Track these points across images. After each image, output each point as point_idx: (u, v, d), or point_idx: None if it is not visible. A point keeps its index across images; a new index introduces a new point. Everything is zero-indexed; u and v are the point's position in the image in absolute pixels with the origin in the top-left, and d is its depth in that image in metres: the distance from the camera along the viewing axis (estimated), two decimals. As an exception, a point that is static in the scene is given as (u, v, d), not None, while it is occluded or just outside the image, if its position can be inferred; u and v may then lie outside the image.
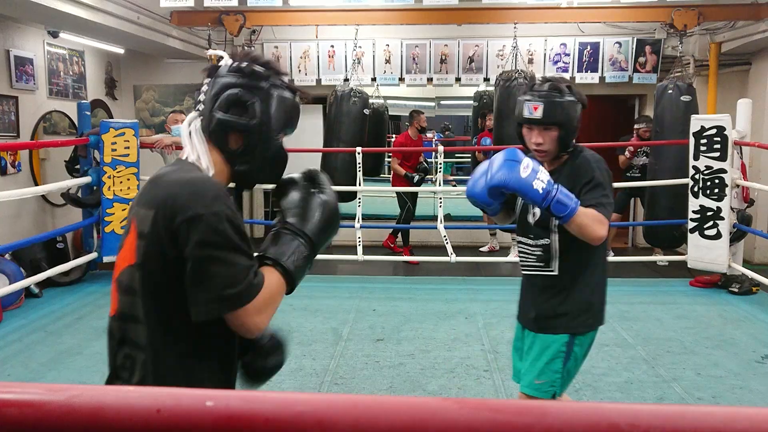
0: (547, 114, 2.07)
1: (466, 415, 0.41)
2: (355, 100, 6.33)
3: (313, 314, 4.87)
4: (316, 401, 0.43)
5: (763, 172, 6.68)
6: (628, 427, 0.39)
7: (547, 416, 0.40)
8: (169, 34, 6.27)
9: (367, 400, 0.42)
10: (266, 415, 0.42)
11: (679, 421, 0.39)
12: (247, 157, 1.32)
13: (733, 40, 6.49)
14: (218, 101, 1.29)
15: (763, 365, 3.81)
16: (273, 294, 1.26)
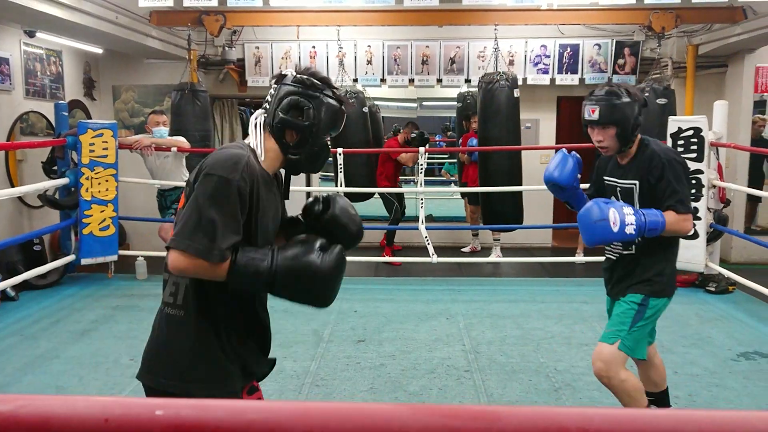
0: (603, 115, 2.42)
1: (419, 420, 0.41)
2: (353, 101, 6.33)
3: (294, 316, 4.85)
4: (268, 409, 0.42)
5: (739, 173, 6.78)
6: (577, 430, 0.39)
7: (500, 421, 0.40)
8: (149, 34, 6.21)
9: (320, 407, 0.42)
10: (216, 422, 0.41)
11: (630, 425, 0.39)
12: (298, 149, 1.64)
13: (710, 42, 6.57)
14: (281, 103, 1.61)
15: (738, 363, 3.86)
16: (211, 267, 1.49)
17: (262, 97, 7.50)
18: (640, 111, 2.47)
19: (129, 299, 5.32)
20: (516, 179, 6.20)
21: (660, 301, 2.54)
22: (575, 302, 5.13)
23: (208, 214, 1.45)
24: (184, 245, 1.45)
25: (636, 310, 2.51)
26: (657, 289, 2.52)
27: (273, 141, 1.64)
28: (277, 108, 1.62)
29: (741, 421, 0.38)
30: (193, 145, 6.16)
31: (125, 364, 3.88)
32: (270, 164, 1.65)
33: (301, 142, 1.63)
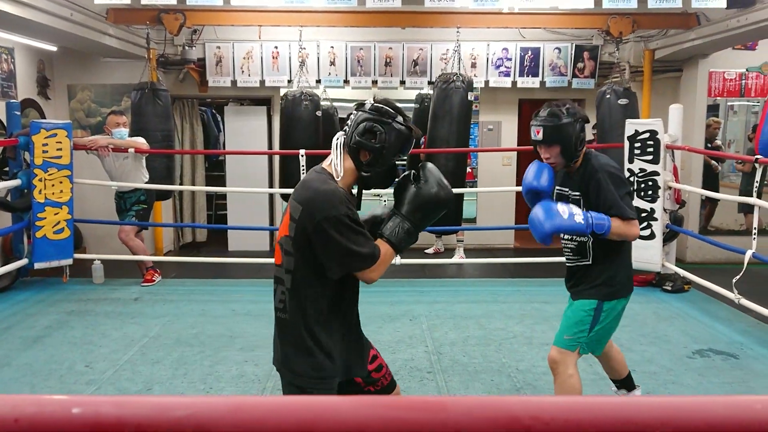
0: (546, 135, 2.61)
1: (360, 413, 0.38)
2: (307, 103, 6.25)
3: (256, 319, 4.78)
4: (198, 404, 0.39)
5: (694, 174, 6.97)
6: (530, 420, 0.37)
7: (445, 411, 0.38)
8: (105, 32, 6.05)
9: (254, 401, 0.39)
10: (139, 420, 0.38)
11: (582, 412, 0.38)
12: (370, 168, 1.95)
13: (666, 47, 6.74)
14: (358, 127, 1.92)
15: (693, 360, 3.95)
16: (384, 258, 1.93)
17: (223, 97, 7.38)
18: (582, 128, 2.65)
19: (85, 304, 5.17)
20: (460, 181, 6.18)
21: (612, 303, 2.70)
22: (537, 302, 5.18)
23: (349, 246, 1.85)
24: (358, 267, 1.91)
25: (592, 315, 2.69)
26: (610, 292, 2.69)
27: (350, 160, 1.96)
28: (355, 131, 1.92)
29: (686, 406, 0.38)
30: (156, 145, 6.03)
31: (80, 371, 3.77)
32: (346, 181, 1.97)
33: (372, 162, 1.93)
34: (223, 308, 5.07)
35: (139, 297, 5.40)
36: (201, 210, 8.12)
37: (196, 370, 3.77)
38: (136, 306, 5.15)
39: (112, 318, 4.80)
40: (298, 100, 6.23)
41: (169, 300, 5.32)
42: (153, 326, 4.59)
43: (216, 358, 3.97)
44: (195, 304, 5.21)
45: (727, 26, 5.73)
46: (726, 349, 4.13)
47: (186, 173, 7.88)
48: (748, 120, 8.12)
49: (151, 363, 3.89)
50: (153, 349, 4.12)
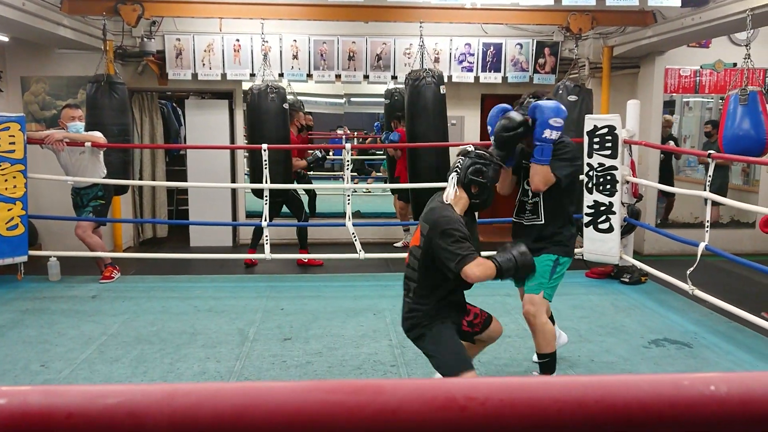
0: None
1: (298, 397, 0.38)
2: (273, 96, 6.18)
3: (218, 315, 4.73)
4: (130, 392, 0.39)
5: (651, 169, 7.13)
6: (464, 399, 0.38)
7: (383, 394, 0.38)
8: (60, 22, 5.88)
9: (188, 388, 0.39)
10: (70, 409, 0.37)
11: (518, 392, 0.38)
12: (478, 197, 2.82)
13: (624, 44, 6.87)
14: (470, 169, 2.78)
15: (649, 350, 4.05)
16: (485, 265, 2.64)
17: (183, 90, 7.23)
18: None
19: (40, 302, 5.03)
20: (444, 175, 6.25)
21: (566, 260, 3.34)
22: (499, 295, 5.24)
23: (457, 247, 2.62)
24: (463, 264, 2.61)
25: (551, 266, 3.26)
26: (566, 251, 3.34)
27: (463, 192, 2.80)
28: (467, 172, 2.78)
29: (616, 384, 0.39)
30: (112, 140, 5.89)
31: (35, 370, 3.67)
32: (461, 208, 2.79)
33: (479, 192, 2.81)
34: (185, 305, 5.00)
35: (97, 294, 5.29)
36: (162, 205, 7.97)
37: (157, 368, 3.71)
38: (94, 303, 5.04)
39: (69, 316, 4.69)
40: (264, 93, 6.15)
41: (128, 297, 5.22)
42: (112, 324, 4.50)
43: (177, 356, 3.91)
44: (155, 301, 5.12)
45: (682, 24, 5.88)
46: (680, 339, 4.25)
47: (146, 168, 7.72)
48: (703, 116, 8.35)
49: (109, 361, 3.81)
50: (112, 348, 4.04)
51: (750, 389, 0.39)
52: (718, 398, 0.39)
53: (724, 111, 4.96)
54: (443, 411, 0.37)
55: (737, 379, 0.40)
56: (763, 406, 0.38)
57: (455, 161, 2.86)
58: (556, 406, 0.37)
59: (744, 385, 0.39)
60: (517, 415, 0.38)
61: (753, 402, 0.38)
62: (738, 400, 0.38)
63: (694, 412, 0.38)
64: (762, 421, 0.38)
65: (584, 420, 0.37)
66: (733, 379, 0.40)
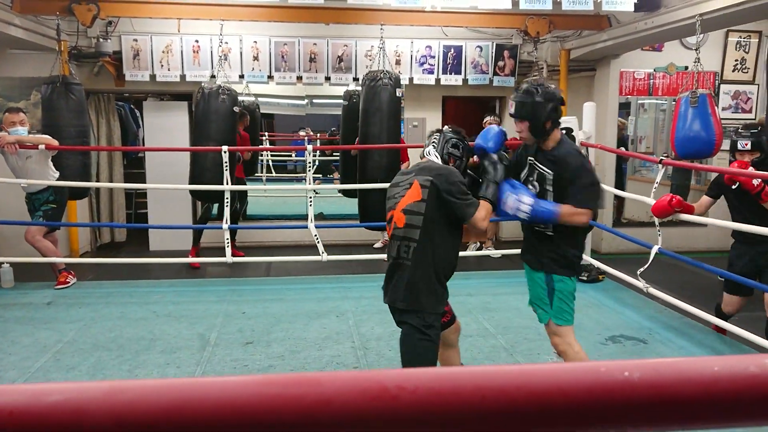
0: (518, 111, 2.92)
1: (233, 392, 0.40)
2: (224, 98, 6.10)
3: (177, 320, 4.67)
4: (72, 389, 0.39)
5: (607, 171, 7.31)
6: (396, 389, 0.40)
7: (320, 386, 0.40)
8: (11, 22, 5.72)
9: (128, 385, 0.40)
10: (11, 408, 0.38)
11: (445, 381, 0.41)
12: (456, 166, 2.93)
13: (580, 47, 7.04)
14: (448, 143, 2.95)
15: (606, 346, 4.16)
16: (486, 209, 2.80)
17: (142, 92, 7.10)
18: (554, 109, 2.87)
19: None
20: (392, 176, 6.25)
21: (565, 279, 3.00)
22: (461, 295, 5.30)
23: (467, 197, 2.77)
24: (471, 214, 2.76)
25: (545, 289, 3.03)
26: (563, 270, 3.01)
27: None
28: (445, 145, 2.93)
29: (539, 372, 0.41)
30: (70, 142, 5.75)
31: (-14, 379, 3.57)
32: None
33: (458, 163, 2.94)
34: (143, 310, 4.92)
35: (53, 301, 5.16)
36: (120, 209, 7.82)
37: (114, 375, 3.65)
38: (49, 310, 4.92)
39: (22, 324, 4.57)
40: (215, 94, 6.05)
41: (85, 303, 5.11)
42: (67, 331, 4.40)
43: (135, 362, 3.85)
44: (113, 306, 5.02)
45: (635, 28, 6.05)
46: (636, 335, 4.37)
47: (103, 170, 7.57)
48: (657, 117, 8.61)
49: (65, 369, 3.73)
50: (68, 355, 3.95)
51: (660, 375, 0.42)
52: (631, 383, 0.42)
53: (676, 113, 5.11)
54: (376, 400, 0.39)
55: (649, 365, 0.43)
56: (670, 390, 0.41)
57: (429, 140, 2.99)
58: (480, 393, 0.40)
59: (655, 371, 0.42)
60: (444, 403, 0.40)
61: (662, 387, 0.41)
62: (648, 385, 0.41)
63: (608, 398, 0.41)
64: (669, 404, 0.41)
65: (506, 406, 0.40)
66: (645, 365, 0.43)
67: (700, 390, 0.41)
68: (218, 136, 5.94)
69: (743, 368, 0.42)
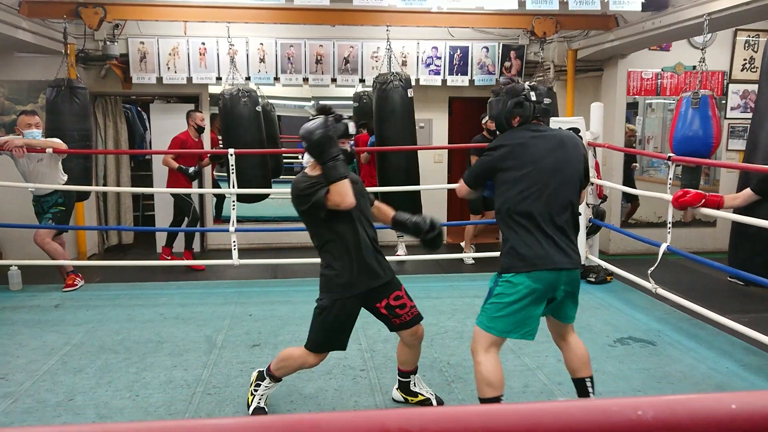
0: (488, 110, 2.99)
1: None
2: (245, 100, 6.14)
3: (185, 323, 4.67)
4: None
5: (615, 170, 7.27)
6: (398, 431, 0.38)
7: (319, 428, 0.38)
8: (18, 25, 5.74)
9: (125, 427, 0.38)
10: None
11: (450, 422, 0.39)
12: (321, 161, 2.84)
13: (587, 47, 6.99)
14: None
15: (615, 348, 4.13)
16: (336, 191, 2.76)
17: (148, 94, 7.15)
18: (514, 105, 2.84)
19: (1, 312, 4.91)
20: (413, 178, 6.29)
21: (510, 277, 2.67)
22: (468, 297, 5.29)
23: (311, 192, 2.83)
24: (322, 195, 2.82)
25: (490, 286, 2.79)
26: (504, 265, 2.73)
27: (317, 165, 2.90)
28: None
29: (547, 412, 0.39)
30: (73, 145, 5.77)
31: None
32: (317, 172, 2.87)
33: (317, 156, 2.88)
34: (151, 312, 4.92)
35: (60, 303, 5.18)
36: (127, 211, 7.84)
37: (122, 378, 3.65)
38: (57, 313, 4.93)
39: (30, 326, 4.58)
40: (236, 98, 6.11)
41: (92, 306, 5.12)
42: (75, 334, 4.41)
43: (143, 365, 3.85)
44: (120, 309, 5.03)
45: (643, 28, 6.01)
46: (644, 337, 4.34)
47: (110, 173, 7.59)
48: (665, 117, 8.53)
49: (73, 372, 3.73)
50: (75, 358, 3.96)
51: (675, 413, 0.40)
52: (645, 423, 0.40)
53: (676, 112, 5.09)
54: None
55: (663, 403, 0.41)
56: (687, 429, 0.39)
57: None
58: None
59: (669, 409, 0.41)
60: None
61: (678, 427, 0.40)
62: (663, 424, 0.40)
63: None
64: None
65: (515, 449, 0.38)
66: (659, 403, 0.41)
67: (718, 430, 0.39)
68: (246, 138, 6.09)
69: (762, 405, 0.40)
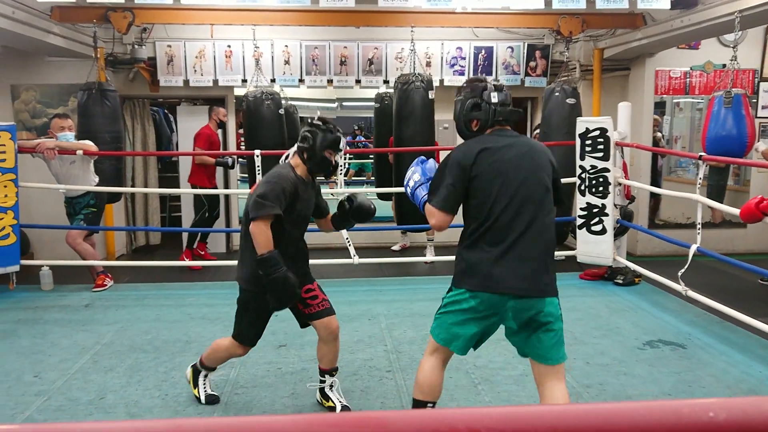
0: None
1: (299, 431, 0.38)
2: (268, 102, 6.19)
3: (212, 323, 4.71)
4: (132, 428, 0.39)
5: (643, 170, 7.17)
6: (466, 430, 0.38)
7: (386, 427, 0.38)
8: (50, 30, 5.86)
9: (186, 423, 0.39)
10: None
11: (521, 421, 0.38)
12: (309, 160, 3.02)
13: (614, 46, 6.91)
14: (300, 136, 3.04)
15: (644, 351, 4.07)
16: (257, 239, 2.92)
17: (175, 97, 7.24)
18: (472, 106, 2.56)
19: (33, 312, 5.00)
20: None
21: (458, 292, 2.56)
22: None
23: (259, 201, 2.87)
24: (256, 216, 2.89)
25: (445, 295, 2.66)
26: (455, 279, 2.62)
27: (299, 157, 3.05)
28: (299, 138, 3.04)
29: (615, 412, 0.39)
30: (104, 147, 5.87)
31: (28, 381, 3.64)
32: (301, 171, 3.04)
33: (309, 158, 3.01)
34: (178, 312, 4.98)
35: (91, 303, 5.26)
36: (154, 212, 7.94)
37: (151, 377, 3.70)
38: (88, 312, 5.01)
39: (61, 326, 4.66)
40: (260, 100, 6.18)
41: (121, 305, 5.19)
42: (105, 333, 4.48)
43: (172, 364, 3.90)
44: (149, 309, 5.10)
45: (671, 26, 5.92)
46: (674, 340, 4.27)
47: (138, 175, 7.70)
48: (693, 116, 8.40)
49: (103, 371, 3.79)
50: (105, 357, 4.02)
51: (748, 415, 0.39)
52: (717, 425, 0.39)
53: (708, 112, 5.02)
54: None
55: (736, 405, 0.40)
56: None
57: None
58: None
59: (742, 411, 0.40)
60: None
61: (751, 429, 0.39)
62: (736, 427, 0.39)
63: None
64: (760, 447, 0.38)
65: (586, 450, 0.38)
66: (731, 405, 0.40)
67: (793, 433, 0.38)
68: (269, 140, 6.12)
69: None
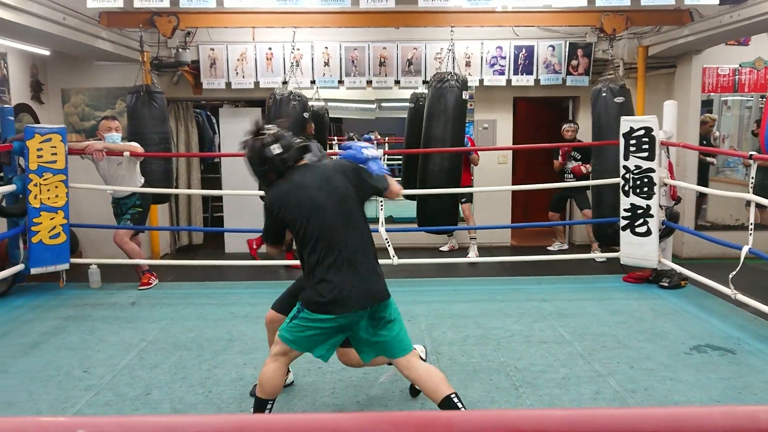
0: None
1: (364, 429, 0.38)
2: (295, 103, 6.24)
3: (254, 321, 4.77)
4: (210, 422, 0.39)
5: (689, 170, 6.98)
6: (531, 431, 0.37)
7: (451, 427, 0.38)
8: (98, 35, 6.03)
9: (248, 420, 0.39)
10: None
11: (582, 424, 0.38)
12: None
13: (659, 44, 6.75)
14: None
15: (691, 356, 3.96)
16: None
17: (218, 99, 7.40)
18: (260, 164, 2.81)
19: (82, 309, 5.15)
20: (454, 180, 6.18)
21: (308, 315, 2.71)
22: (534, 300, 5.19)
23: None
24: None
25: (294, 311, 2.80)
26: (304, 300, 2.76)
27: None
28: None
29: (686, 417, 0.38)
30: (153, 148, 6.03)
31: (78, 376, 3.75)
32: None
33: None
34: (221, 311, 5.06)
35: (136, 301, 5.39)
36: (197, 212, 8.10)
37: (195, 374, 3.76)
38: (134, 310, 5.14)
39: (109, 323, 4.79)
40: (287, 100, 6.22)
41: (166, 304, 5.31)
42: (150, 330, 4.59)
43: (215, 362, 3.96)
44: (192, 307, 5.20)
45: (720, 22, 5.75)
46: (723, 345, 4.15)
47: (181, 176, 7.86)
48: (742, 115, 8.15)
49: (149, 367, 3.88)
50: (151, 354, 4.12)
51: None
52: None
53: (766, 109, 4.85)
54: (512, 444, 0.37)
55: (815, 412, 0.39)
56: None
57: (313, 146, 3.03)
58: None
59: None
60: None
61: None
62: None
63: (771, 447, 0.37)
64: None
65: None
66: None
67: None
68: None
69: None
